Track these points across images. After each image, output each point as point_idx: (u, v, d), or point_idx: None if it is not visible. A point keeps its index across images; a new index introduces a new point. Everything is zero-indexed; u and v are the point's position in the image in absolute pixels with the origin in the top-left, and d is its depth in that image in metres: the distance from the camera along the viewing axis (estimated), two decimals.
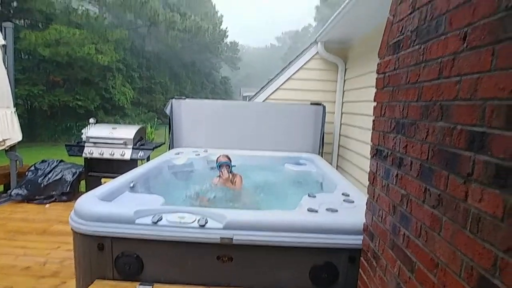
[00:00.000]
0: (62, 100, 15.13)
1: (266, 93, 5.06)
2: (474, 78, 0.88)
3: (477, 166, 0.85)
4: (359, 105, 4.16)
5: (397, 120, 1.36)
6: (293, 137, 4.61)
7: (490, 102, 0.81)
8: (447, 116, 1.00)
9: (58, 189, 4.58)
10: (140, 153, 4.54)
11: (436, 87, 1.07)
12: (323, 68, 4.98)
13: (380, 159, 1.54)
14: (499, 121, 0.78)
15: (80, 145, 4.62)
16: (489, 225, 0.80)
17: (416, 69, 1.21)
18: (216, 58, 34.59)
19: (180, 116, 4.57)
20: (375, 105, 1.63)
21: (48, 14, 16.11)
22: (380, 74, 1.57)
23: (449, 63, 1.00)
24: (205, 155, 4.21)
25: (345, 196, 2.46)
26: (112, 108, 17.57)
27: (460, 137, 0.93)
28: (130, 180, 2.74)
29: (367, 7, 3.21)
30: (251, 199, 3.20)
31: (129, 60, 20.48)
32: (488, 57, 0.83)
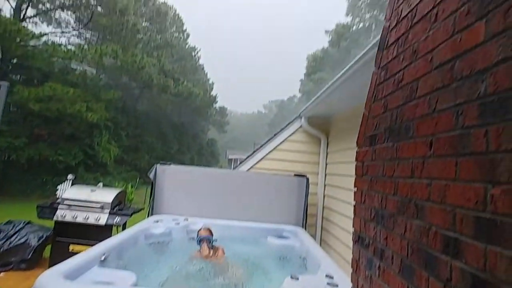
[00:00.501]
0: (43, 154, 14.76)
1: (251, 162, 5.16)
2: (442, 183, 0.95)
3: (454, 272, 0.86)
4: (341, 179, 4.26)
5: (377, 210, 1.40)
6: (276, 208, 4.57)
7: (459, 210, 0.87)
8: (422, 215, 1.04)
9: (19, 255, 4.18)
10: (116, 219, 4.32)
11: (410, 185, 1.14)
12: (307, 140, 5.22)
13: (362, 246, 1.53)
14: (468, 230, 0.82)
15: (53, 206, 4.37)
16: None
17: (391, 164, 1.30)
18: (204, 121, 35.80)
19: (163, 182, 4.51)
20: (355, 190, 1.69)
21: (46, 72, 16.74)
22: (359, 162, 1.66)
23: (419, 165, 1.09)
24: (185, 224, 4.06)
25: (329, 278, 2.36)
26: (94, 165, 17.16)
27: (435, 239, 0.96)
28: (102, 252, 2.55)
29: (345, 92, 3.54)
30: (233, 273, 3.00)
31: (118, 118, 20.86)
32: (452, 167, 0.91)
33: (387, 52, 1.50)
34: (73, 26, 21.57)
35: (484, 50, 0.85)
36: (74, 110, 15.28)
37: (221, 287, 2.73)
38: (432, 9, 1.14)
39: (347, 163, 3.97)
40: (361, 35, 32.72)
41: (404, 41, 1.33)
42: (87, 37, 22.67)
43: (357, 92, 3.19)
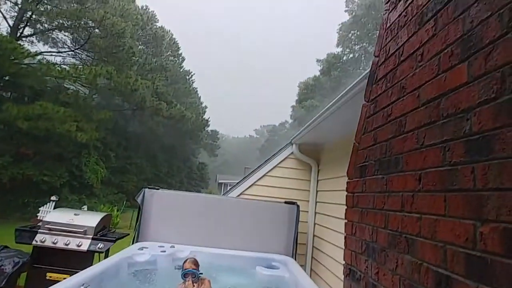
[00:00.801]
0: (27, 174, 14.31)
1: (241, 188, 5.10)
2: (432, 219, 0.96)
3: None
4: (331, 207, 4.24)
5: (368, 242, 1.38)
6: (266, 236, 4.47)
7: (450, 247, 0.86)
8: (413, 250, 1.03)
9: None
10: (99, 245, 4.13)
11: (401, 219, 1.14)
12: (298, 167, 5.22)
13: (353, 281, 1.49)
14: (459, 268, 0.82)
15: (33, 230, 4.17)
16: None
17: (381, 196, 1.31)
18: (195, 145, 35.70)
19: (151, 207, 4.39)
20: (346, 222, 1.68)
21: (37, 91, 16.64)
22: (350, 193, 1.67)
23: (409, 199, 1.09)
24: (171, 252, 3.91)
25: None
26: (80, 186, 16.67)
27: (427, 275, 0.95)
28: (81, 282, 2.42)
29: (336, 121, 3.62)
30: None
31: (108, 139, 20.63)
32: (441, 202, 0.92)
33: (376, 86, 1.56)
34: (69, 46, 21.83)
35: (467, 91, 0.89)
36: (63, 129, 15.07)
37: None
38: (417, 49, 1.20)
39: (338, 191, 3.96)
40: (351, 65, 34.08)
41: (392, 77, 1.39)
42: (82, 57, 22.91)
43: (348, 121, 3.27)
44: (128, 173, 22.59)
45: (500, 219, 0.72)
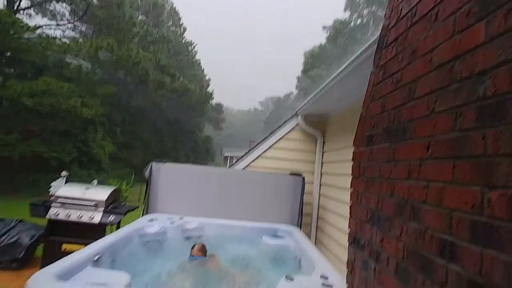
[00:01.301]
0: (36, 151, 14.57)
1: (247, 160, 5.14)
2: (439, 186, 0.94)
3: (450, 276, 0.85)
4: (336, 178, 4.27)
5: (373, 211, 1.39)
6: (271, 207, 4.56)
7: (456, 213, 0.86)
8: (418, 218, 1.03)
9: (10, 255, 4.12)
10: (111, 217, 4.27)
11: (407, 187, 1.12)
12: (303, 139, 5.21)
13: (357, 248, 1.52)
14: (465, 234, 0.81)
15: (46, 205, 4.31)
16: None
17: (388, 165, 1.29)
18: (200, 118, 35.65)
19: (158, 180, 4.47)
20: (351, 191, 1.68)
21: (40, 66, 16.48)
22: (356, 162, 1.65)
23: (416, 167, 1.08)
24: (180, 223, 4.03)
25: (323, 279, 2.36)
26: (88, 162, 16.99)
27: (431, 242, 0.95)
28: (95, 252, 2.52)
29: (342, 90, 3.53)
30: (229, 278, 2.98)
31: (113, 114, 20.67)
32: (449, 169, 0.90)
33: (385, 51, 1.49)
34: (68, 18, 21.27)
35: (484, 52, 0.84)
36: (69, 105, 15.10)
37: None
38: (432, 8, 1.12)
39: (343, 162, 3.96)
40: (359, 31, 32.78)
41: (403, 40, 1.32)
42: (82, 30, 22.39)
43: (354, 90, 3.19)
44: (135, 148, 22.87)
45: (509, 185, 0.70)
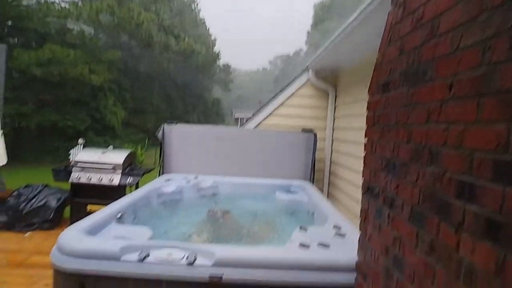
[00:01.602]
0: (51, 120, 14.91)
1: (258, 119, 5.11)
2: (461, 127, 0.90)
3: (468, 216, 0.84)
4: (349, 132, 4.22)
5: (388, 159, 1.37)
6: (284, 164, 4.61)
7: (478, 154, 0.82)
8: (437, 161, 1.00)
9: (41, 216, 4.42)
10: (129, 179, 4.44)
11: (425, 131, 1.08)
12: (314, 94, 5.08)
13: (371, 196, 1.53)
14: (486, 174, 0.79)
15: (68, 169, 4.50)
16: (482, 279, 0.78)
17: (405, 111, 1.24)
18: (208, 80, 35.08)
19: (171, 141, 4.53)
20: (365, 141, 1.65)
21: (42, 34, 16.20)
22: (370, 111, 1.60)
23: (436, 109, 1.02)
24: (195, 182, 4.15)
25: (336, 228, 2.43)
26: (103, 129, 17.34)
27: (450, 184, 0.93)
28: (118, 210, 2.66)
29: (355, 40, 3.34)
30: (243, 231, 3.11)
31: (121, 80, 20.57)
32: (473, 108, 0.85)
33: None
34: None
35: None
36: (76, 73, 15.07)
37: (233, 242, 2.86)
38: None
39: (356, 116, 3.88)
40: None
41: None
42: None
43: (368, 40, 2.99)
44: (146, 113, 23.05)
45: None
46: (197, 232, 2.93)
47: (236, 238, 2.95)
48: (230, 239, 2.88)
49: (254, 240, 2.90)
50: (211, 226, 3.09)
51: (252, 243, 2.75)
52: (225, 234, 2.99)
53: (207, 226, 3.11)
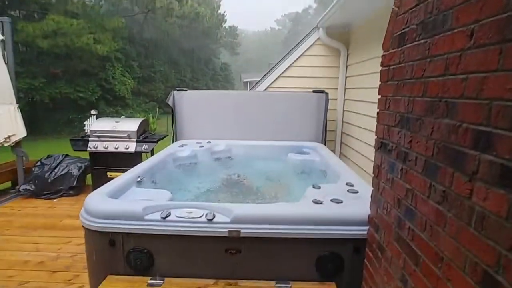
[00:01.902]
0: (63, 93, 15.11)
1: (267, 82, 5.02)
2: (480, 76, 0.87)
3: (482, 165, 0.86)
4: (361, 92, 4.12)
5: (402, 114, 1.35)
6: (296, 126, 4.60)
7: (496, 103, 0.81)
8: (453, 113, 1.00)
9: (65, 184, 4.66)
10: (144, 146, 4.57)
11: (442, 83, 1.06)
12: (325, 54, 4.91)
13: (384, 152, 1.54)
14: (504, 122, 0.78)
15: (85, 139, 4.65)
16: (493, 223, 0.81)
17: (421, 64, 1.20)
18: (215, 44, 34.10)
19: (182, 108, 4.56)
20: (379, 98, 1.62)
21: (43, 4, 15.86)
22: (385, 67, 1.55)
23: (455, 59, 0.99)
24: (209, 146, 4.23)
25: (349, 186, 2.49)
26: (113, 99, 17.51)
27: (465, 135, 0.93)
28: (137, 175, 2.77)
29: None
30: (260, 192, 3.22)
31: (127, 49, 20.25)
32: (495, 56, 0.82)
33: None
34: None
35: None
36: (82, 43, 14.90)
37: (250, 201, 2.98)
38: None
39: (369, 75, 3.77)
40: None
41: None
42: None
43: None
44: (155, 82, 22.95)
45: None
46: (214, 193, 3.06)
47: (252, 198, 3.07)
48: (246, 199, 3.00)
49: (270, 199, 3.01)
50: (227, 188, 3.20)
51: (267, 202, 2.86)
52: (241, 195, 3.11)
53: (223, 188, 3.23)
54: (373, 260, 1.67)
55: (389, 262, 1.46)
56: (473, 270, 0.88)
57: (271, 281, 1.96)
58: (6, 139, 4.45)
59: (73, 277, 2.72)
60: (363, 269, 1.85)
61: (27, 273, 2.76)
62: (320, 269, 1.96)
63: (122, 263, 2.00)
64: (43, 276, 2.73)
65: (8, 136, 4.46)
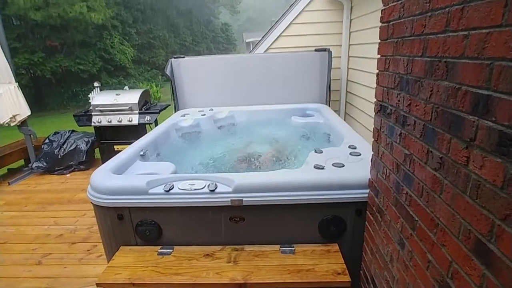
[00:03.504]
0: (64, 66, 14.89)
1: (267, 43, 4.79)
2: (483, 33, 0.78)
3: (480, 131, 0.80)
4: (367, 48, 3.90)
5: (401, 75, 1.27)
6: (299, 88, 4.48)
7: (499, 63, 0.73)
8: (452, 75, 0.92)
9: (75, 159, 4.77)
10: (147, 117, 4.56)
11: (442, 41, 0.97)
12: (327, 8, 4.58)
13: (384, 116, 1.48)
14: (506, 85, 0.71)
15: (88, 114, 4.66)
16: (488, 192, 0.78)
17: (421, 19, 1.09)
18: (213, 3, 32.34)
19: (181, 76, 4.45)
20: (378, 57, 1.52)
21: None
22: (384, 23, 1.43)
23: (457, 13, 0.89)
24: (211, 114, 4.19)
25: (351, 149, 2.46)
26: (115, 69, 17.22)
27: (464, 99, 0.87)
28: (140, 148, 2.80)
29: None
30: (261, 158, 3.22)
31: (123, 15, 19.43)
32: (499, 9, 0.73)
33: None
34: None
35: None
36: (76, 13, 14.35)
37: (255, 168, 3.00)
38: None
39: (375, 29, 3.52)
40: None
41: None
42: None
43: None
44: (155, 48, 22.31)
45: None
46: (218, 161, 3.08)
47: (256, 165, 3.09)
48: (250, 167, 3.03)
49: (273, 166, 3.03)
50: (231, 156, 3.21)
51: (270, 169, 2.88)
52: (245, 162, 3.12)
53: (227, 157, 3.24)
54: (373, 222, 1.69)
55: (388, 225, 1.47)
56: (467, 237, 0.87)
57: (275, 245, 2.03)
58: (11, 119, 4.50)
59: (91, 247, 2.89)
60: (364, 230, 1.89)
61: (48, 246, 2.95)
62: (323, 231, 2.01)
63: (133, 235, 2.09)
64: (63, 247, 2.91)
65: (13, 116, 4.50)
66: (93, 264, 2.69)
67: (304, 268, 1.85)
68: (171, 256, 2.01)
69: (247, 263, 1.92)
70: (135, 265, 1.94)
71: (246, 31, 30.15)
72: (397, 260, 1.37)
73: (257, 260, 1.93)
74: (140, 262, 1.96)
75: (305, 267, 1.86)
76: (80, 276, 2.54)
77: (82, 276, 2.54)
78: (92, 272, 2.57)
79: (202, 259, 1.97)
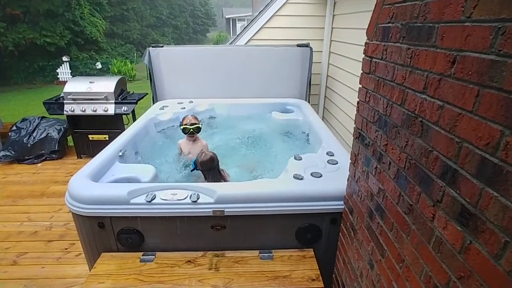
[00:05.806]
0: (28, 38, 13.66)
1: (249, 34, 4.70)
2: (456, 112, 0.86)
3: (446, 197, 0.90)
4: (346, 47, 3.95)
5: (381, 114, 1.34)
6: (279, 82, 4.49)
7: (466, 145, 0.82)
8: (427, 136, 1.00)
9: (47, 148, 4.57)
10: (124, 108, 4.41)
11: (420, 101, 1.04)
12: (311, 1, 4.53)
13: (362, 144, 1.57)
14: (471, 167, 0.80)
15: (60, 102, 4.42)
16: (448, 251, 0.89)
17: (402, 70, 1.15)
18: None
19: (160, 66, 4.31)
20: (360, 87, 1.58)
21: None
22: (367, 57, 1.48)
23: (435, 82, 0.95)
24: (191, 107, 4.14)
25: (329, 156, 2.57)
26: (85, 43, 16.06)
27: (435, 163, 0.95)
28: (119, 148, 2.74)
29: None
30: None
31: None
32: (472, 97, 0.80)
33: None
34: None
35: None
36: None
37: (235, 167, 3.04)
38: None
39: (356, 30, 3.56)
40: None
41: None
42: None
43: None
44: (129, 21, 20.98)
45: None
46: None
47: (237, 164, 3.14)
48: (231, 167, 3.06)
49: (253, 167, 3.09)
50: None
51: (251, 176, 2.94)
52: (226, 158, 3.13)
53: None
54: (347, 236, 1.83)
55: (360, 244, 1.60)
56: (428, 281, 0.99)
57: (255, 251, 2.14)
58: None
59: (69, 245, 2.87)
60: (338, 240, 2.03)
61: (23, 244, 2.88)
62: (300, 238, 2.15)
63: (114, 242, 2.11)
64: (39, 246, 2.86)
65: None
66: (72, 263, 2.68)
67: (281, 275, 1.98)
68: (153, 263, 2.06)
69: (227, 269, 2.01)
70: (117, 273, 1.97)
71: (225, 5, 29.03)
72: (366, 277, 1.52)
73: (237, 267, 2.03)
74: (123, 270, 1.99)
75: (282, 273, 1.99)
76: (59, 277, 2.54)
77: (62, 276, 2.55)
78: (72, 272, 2.58)
79: (184, 266, 2.04)
